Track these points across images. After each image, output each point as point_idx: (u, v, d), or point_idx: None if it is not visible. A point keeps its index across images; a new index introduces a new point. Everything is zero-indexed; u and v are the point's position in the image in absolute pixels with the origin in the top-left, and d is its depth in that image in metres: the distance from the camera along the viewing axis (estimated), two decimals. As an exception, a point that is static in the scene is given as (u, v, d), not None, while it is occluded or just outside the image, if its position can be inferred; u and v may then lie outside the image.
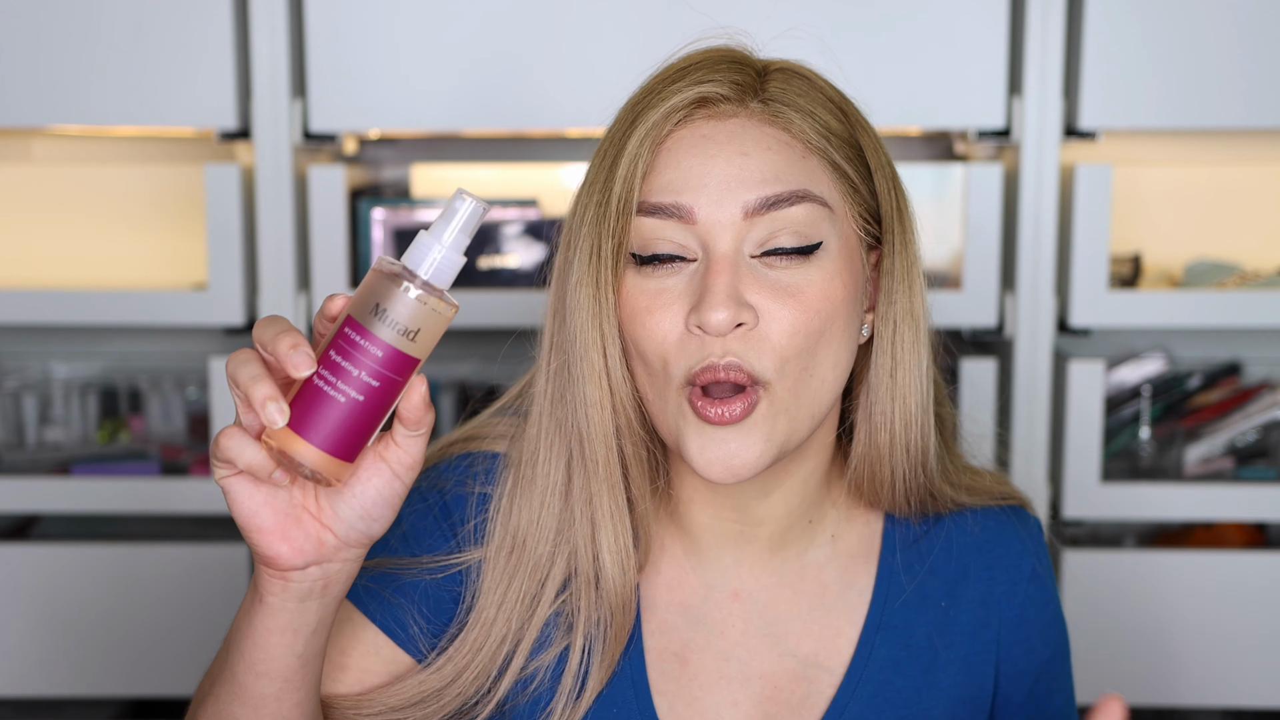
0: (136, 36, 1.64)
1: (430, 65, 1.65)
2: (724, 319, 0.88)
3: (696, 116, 0.93)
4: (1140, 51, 1.62)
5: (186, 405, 1.89)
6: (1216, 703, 1.73)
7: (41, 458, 1.79)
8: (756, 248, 0.91)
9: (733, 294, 0.89)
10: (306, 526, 0.85)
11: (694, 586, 1.02)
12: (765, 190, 0.91)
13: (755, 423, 0.91)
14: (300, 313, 1.70)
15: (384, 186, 1.94)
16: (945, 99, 1.65)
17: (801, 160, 0.93)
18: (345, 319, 0.81)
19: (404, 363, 0.81)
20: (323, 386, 0.81)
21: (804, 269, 0.91)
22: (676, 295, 0.92)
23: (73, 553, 1.73)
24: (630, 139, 0.92)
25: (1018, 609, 1.03)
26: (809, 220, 0.92)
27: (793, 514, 1.01)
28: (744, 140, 0.92)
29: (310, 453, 0.81)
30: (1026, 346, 1.69)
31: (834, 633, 1.01)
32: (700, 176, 0.91)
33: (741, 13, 1.61)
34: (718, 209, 0.91)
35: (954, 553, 1.03)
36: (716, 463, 0.91)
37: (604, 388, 0.94)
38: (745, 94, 0.94)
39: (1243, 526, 1.83)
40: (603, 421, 0.94)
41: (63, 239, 1.93)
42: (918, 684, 1.00)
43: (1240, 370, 1.89)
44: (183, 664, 1.74)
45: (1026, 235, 1.67)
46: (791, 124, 0.93)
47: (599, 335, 0.93)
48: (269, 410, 0.79)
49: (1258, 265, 1.84)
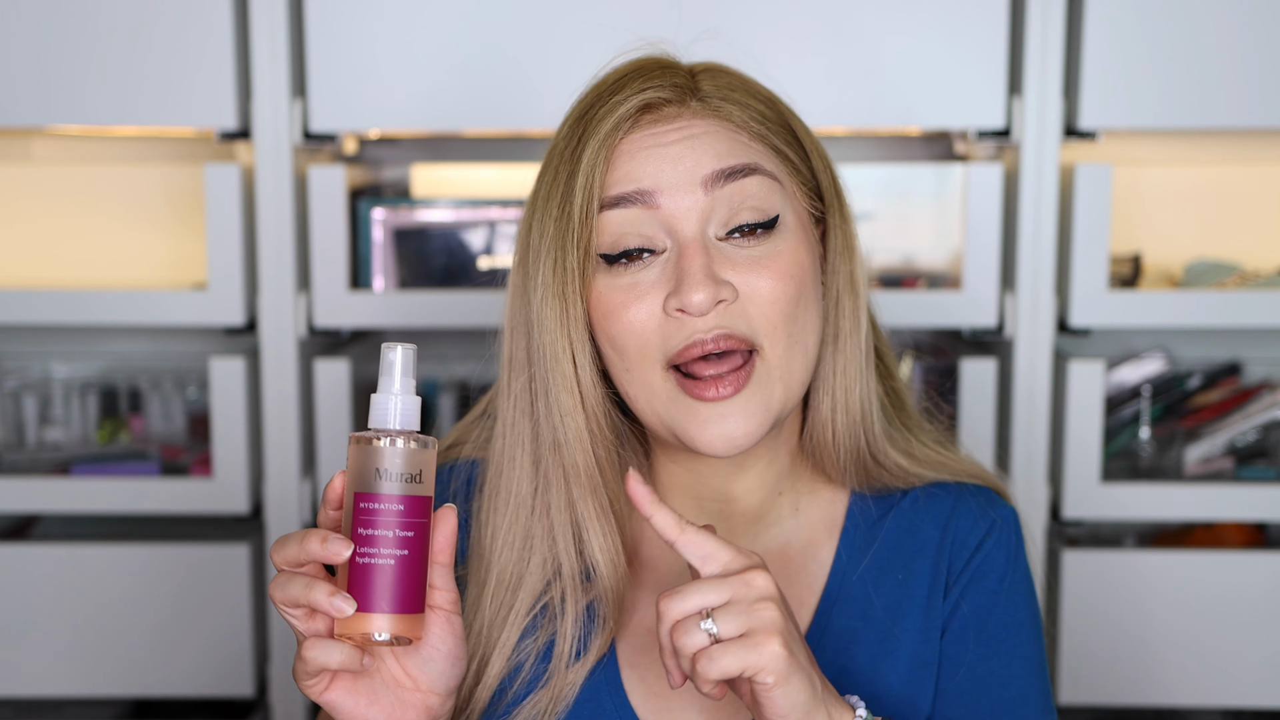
0: (136, 36, 1.64)
1: (430, 65, 1.65)
2: (704, 298, 0.92)
3: (643, 121, 0.98)
4: (1140, 51, 1.62)
5: (186, 405, 1.89)
6: (1216, 703, 1.73)
7: (41, 458, 1.79)
8: (721, 228, 0.95)
9: (709, 273, 0.93)
10: (412, 701, 0.90)
11: (670, 564, 1.05)
12: (719, 164, 0.96)
13: (752, 392, 0.95)
14: (300, 313, 1.70)
15: (384, 186, 1.94)
16: (945, 99, 1.65)
17: (747, 144, 0.98)
18: (353, 497, 0.87)
19: (422, 505, 0.88)
20: (367, 561, 0.86)
21: (770, 242, 0.96)
22: (650, 286, 0.95)
23: (73, 553, 1.73)
24: (585, 150, 0.96)
25: (958, 575, 1.03)
26: (764, 194, 0.96)
27: (766, 487, 1.05)
28: (690, 130, 0.97)
29: (385, 622, 0.86)
30: (1026, 346, 1.69)
31: (796, 603, 1.04)
32: (657, 165, 0.96)
33: (742, 12, 1.61)
34: (678, 189, 0.95)
35: (913, 527, 1.05)
36: (719, 438, 0.95)
37: (576, 395, 0.97)
38: (684, 94, 0.98)
39: (1243, 526, 1.83)
40: (578, 428, 0.98)
41: (63, 239, 1.93)
42: (874, 653, 1.02)
43: (1240, 370, 1.89)
44: (183, 664, 1.74)
45: (1026, 235, 1.67)
46: (731, 115, 0.98)
47: (568, 344, 0.97)
48: (337, 603, 0.84)
49: (1258, 265, 1.84)
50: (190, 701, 1.90)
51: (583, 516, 0.99)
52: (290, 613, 0.87)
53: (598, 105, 0.98)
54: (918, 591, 1.03)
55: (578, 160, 0.96)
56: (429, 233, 1.75)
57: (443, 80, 1.65)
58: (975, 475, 1.09)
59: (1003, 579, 1.04)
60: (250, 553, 1.73)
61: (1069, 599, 1.69)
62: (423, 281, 1.76)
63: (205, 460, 1.76)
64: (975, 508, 1.06)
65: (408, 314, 1.71)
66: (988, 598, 1.03)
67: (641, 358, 0.96)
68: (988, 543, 1.04)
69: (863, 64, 1.64)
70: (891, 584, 1.03)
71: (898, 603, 1.03)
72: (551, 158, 1.00)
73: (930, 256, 1.77)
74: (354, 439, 0.88)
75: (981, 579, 1.03)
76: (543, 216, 0.98)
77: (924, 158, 1.93)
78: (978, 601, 1.03)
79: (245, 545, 1.73)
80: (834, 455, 1.03)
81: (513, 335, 1.03)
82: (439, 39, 1.65)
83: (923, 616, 1.03)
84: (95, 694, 1.76)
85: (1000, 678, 1.02)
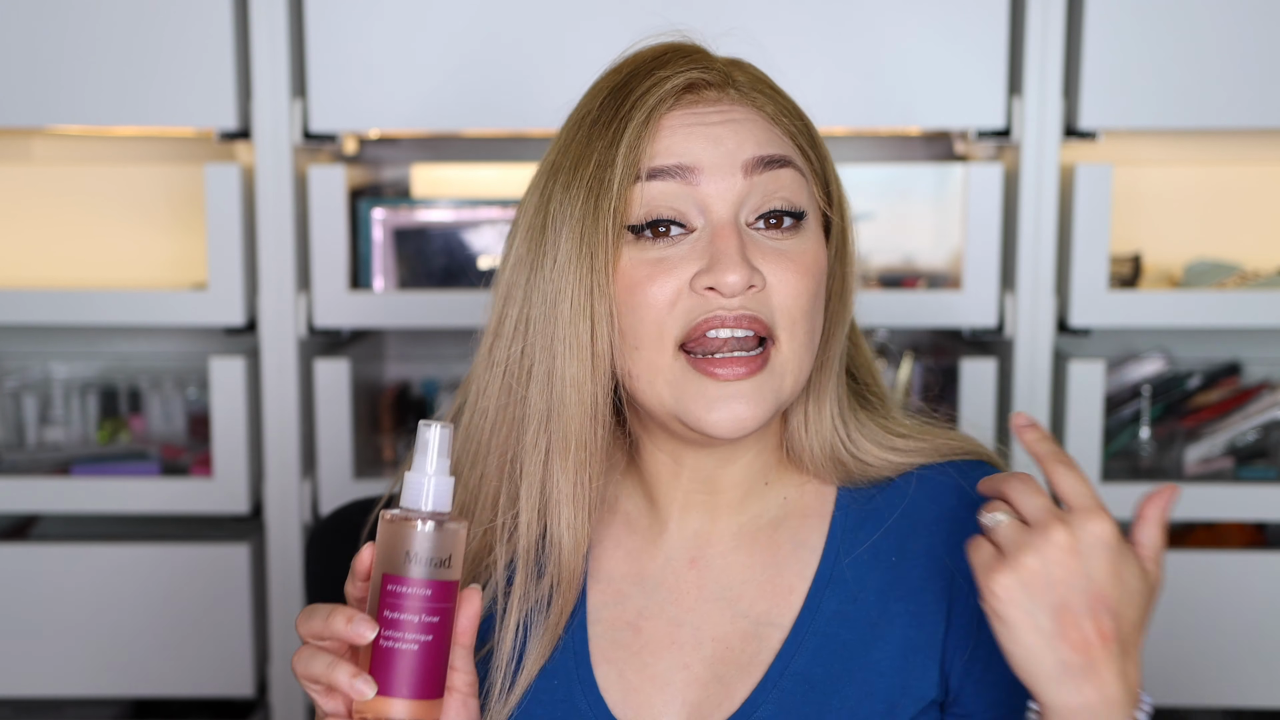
0: (136, 36, 1.65)
1: (430, 65, 1.65)
2: (738, 280, 0.93)
3: (684, 100, 0.98)
4: (1140, 51, 1.63)
5: (186, 405, 1.89)
6: (1216, 703, 1.73)
7: (41, 458, 1.79)
8: (752, 213, 0.96)
9: (745, 256, 0.94)
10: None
11: (653, 555, 1.05)
12: (760, 150, 0.96)
13: (764, 379, 0.95)
14: (300, 313, 1.71)
15: (384, 186, 1.94)
16: (945, 99, 1.65)
17: (781, 138, 0.99)
18: (381, 578, 0.86)
19: (448, 590, 0.87)
20: (391, 645, 0.86)
21: (796, 237, 0.97)
22: (679, 261, 0.95)
23: (73, 553, 1.73)
24: (630, 121, 0.96)
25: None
26: (796, 186, 0.98)
27: (752, 477, 1.05)
28: (732, 114, 0.98)
29: (404, 707, 0.86)
30: (1026, 346, 1.69)
31: (786, 590, 1.03)
32: (700, 142, 0.96)
33: (742, 12, 1.61)
34: (718, 169, 0.95)
35: (908, 509, 1.05)
36: (727, 419, 0.95)
37: (588, 365, 0.97)
38: (725, 79, 0.99)
39: (1243, 526, 1.83)
40: (580, 399, 0.97)
41: (63, 239, 1.93)
42: (865, 636, 1.01)
43: (1240, 370, 1.89)
44: (183, 664, 1.74)
45: (1026, 235, 1.67)
46: (765, 108, 0.99)
47: (589, 313, 0.96)
48: (358, 685, 0.85)
49: (1258, 265, 1.84)
50: (190, 701, 1.90)
51: (559, 493, 0.99)
52: (311, 687, 0.88)
53: (639, 79, 0.98)
54: (911, 573, 1.02)
55: (620, 130, 0.96)
56: (429, 233, 1.75)
57: (443, 80, 1.65)
58: (966, 450, 1.08)
59: None
60: (250, 553, 1.73)
61: (1069, 599, 1.69)
62: (423, 281, 1.76)
63: (205, 460, 1.76)
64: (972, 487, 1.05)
65: (408, 314, 1.71)
66: None
67: (657, 334, 0.96)
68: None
69: (863, 64, 1.64)
70: (884, 566, 1.03)
71: (889, 585, 1.02)
72: (580, 127, 0.99)
73: (930, 256, 1.77)
74: (384, 517, 0.87)
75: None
76: (569, 184, 0.97)
77: (924, 158, 1.93)
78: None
79: (245, 545, 1.73)
80: (810, 453, 1.04)
81: (506, 304, 1.02)
82: (439, 39, 1.65)
83: (915, 599, 1.02)
84: (95, 694, 1.76)
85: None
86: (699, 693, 1.00)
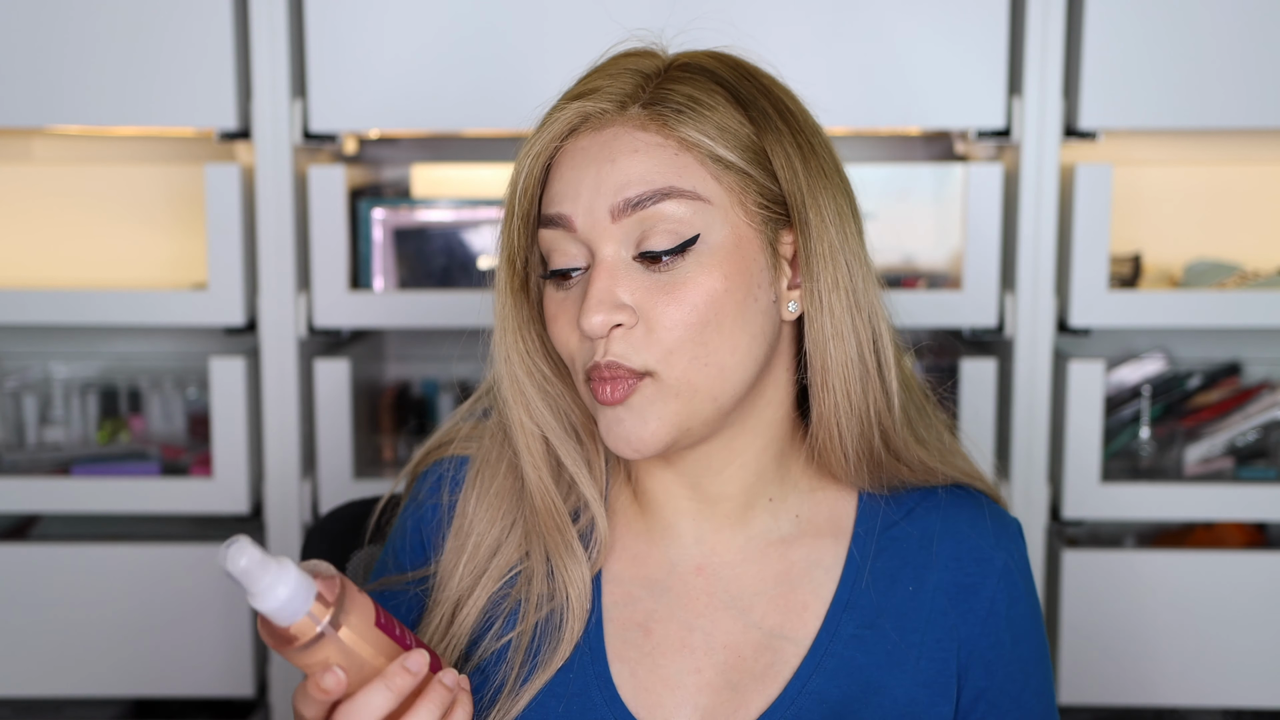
0: (136, 37, 1.65)
1: (430, 65, 1.65)
2: (597, 323, 0.95)
3: (582, 130, 0.99)
4: (1140, 51, 1.63)
5: (186, 405, 1.89)
6: (1216, 703, 1.73)
7: (41, 458, 1.79)
8: (635, 248, 0.97)
9: (605, 298, 0.95)
10: None
11: (657, 561, 1.05)
12: (628, 192, 0.96)
13: (641, 405, 0.97)
14: (300, 313, 1.70)
15: (384, 186, 1.94)
16: (945, 99, 1.65)
17: (674, 158, 0.97)
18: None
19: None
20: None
21: (682, 265, 0.96)
22: (572, 304, 0.99)
23: (73, 553, 1.73)
24: (527, 159, 1.01)
25: (986, 602, 1.03)
26: (680, 216, 0.96)
27: (749, 490, 1.04)
28: (613, 148, 0.97)
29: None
30: (1026, 346, 1.69)
31: (800, 606, 1.03)
32: (575, 186, 0.98)
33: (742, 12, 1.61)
34: (590, 215, 0.97)
35: (927, 538, 1.05)
36: (620, 440, 0.98)
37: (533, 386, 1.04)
38: (627, 102, 0.98)
39: (1243, 526, 1.83)
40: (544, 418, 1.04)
41: (63, 239, 1.93)
42: (880, 662, 1.01)
43: (1240, 370, 1.89)
44: (183, 664, 1.74)
45: (1026, 235, 1.67)
46: (666, 124, 0.97)
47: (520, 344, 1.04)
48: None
49: (1258, 265, 1.84)
50: (190, 701, 1.90)
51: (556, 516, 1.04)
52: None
53: (552, 112, 1.01)
54: (927, 605, 1.03)
55: (518, 172, 1.01)
56: (429, 233, 1.75)
57: (443, 80, 1.65)
58: (975, 477, 1.09)
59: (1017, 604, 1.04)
60: (250, 553, 1.73)
61: (1069, 599, 1.69)
62: (423, 281, 1.76)
63: (205, 460, 1.76)
64: (990, 531, 1.06)
65: (407, 314, 1.71)
66: (1012, 624, 1.04)
67: (571, 367, 1.01)
68: (1013, 568, 1.05)
69: (863, 64, 1.64)
70: (902, 595, 1.03)
71: (906, 615, 1.02)
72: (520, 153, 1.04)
73: (930, 256, 1.77)
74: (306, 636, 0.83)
75: (1008, 606, 1.04)
76: (507, 215, 1.03)
77: (924, 158, 1.93)
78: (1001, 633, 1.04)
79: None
80: (841, 453, 1.02)
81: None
82: (439, 39, 1.65)
83: (930, 632, 1.02)
84: (95, 694, 1.76)
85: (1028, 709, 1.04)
86: (712, 698, 1.01)
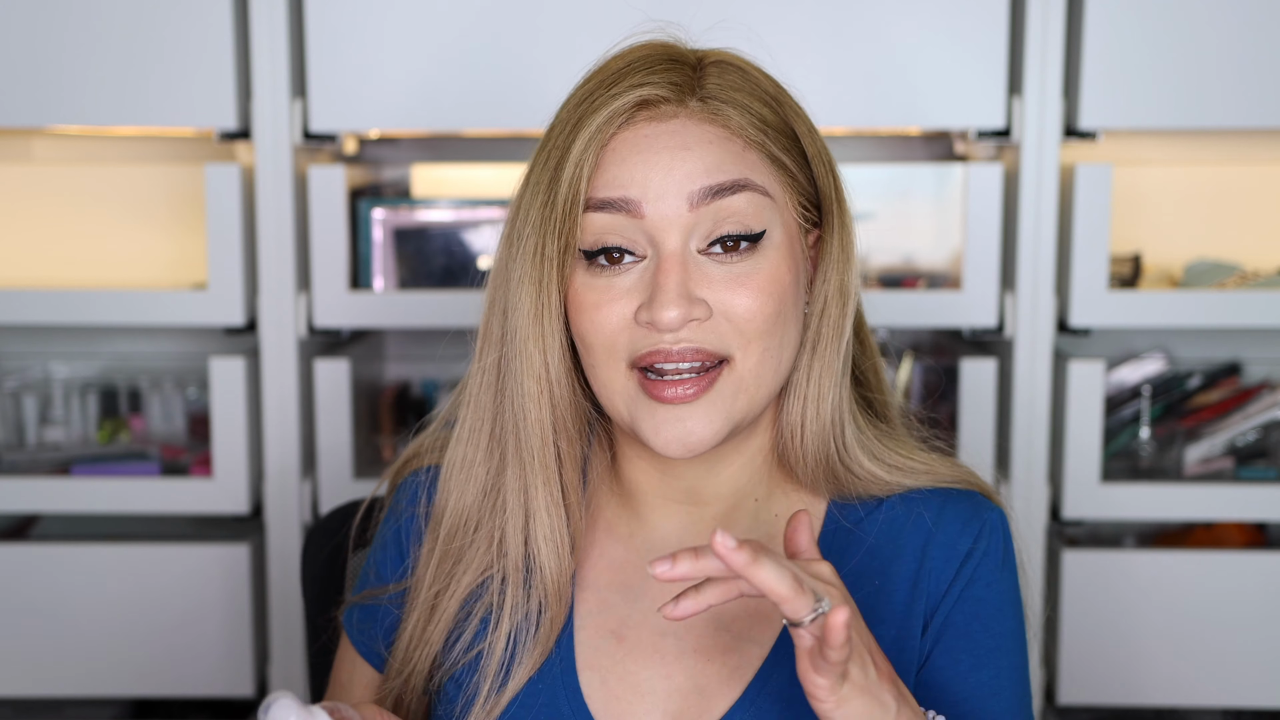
0: (136, 37, 1.65)
1: (430, 65, 1.65)
2: (676, 316, 0.92)
3: (638, 118, 0.96)
4: (1140, 51, 1.63)
5: (186, 405, 1.89)
6: (1216, 703, 1.73)
7: (41, 458, 1.79)
8: (703, 241, 0.94)
9: (684, 291, 0.93)
10: None
11: (637, 566, 1.04)
12: (708, 180, 0.94)
13: (714, 400, 0.94)
14: (300, 313, 1.70)
15: (384, 186, 1.94)
16: (945, 99, 1.65)
17: (741, 153, 0.96)
18: None
19: None
20: None
21: (752, 258, 0.95)
22: (625, 291, 0.95)
23: (73, 553, 1.73)
24: (575, 142, 0.95)
25: (947, 584, 1.02)
26: (751, 209, 0.95)
27: (740, 492, 1.04)
28: (685, 136, 0.95)
29: None
30: (1026, 346, 1.69)
31: (768, 607, 1.02)
32: (645, 172, 0.94)
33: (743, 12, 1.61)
34: (663, 202, 0.94)
35: (892, 534, 1.04)
36: (673, 441, 0.94)
37: (541, 383, 0.98)
38: (684, 93, 0.96)
39: (1243, 526, 1.83)
40: (540, 416, 0.98)
41: (63, 239, 1.93)
42: None
43: (1240, 370, 1.89)
44: (183, 664, 1.74)
45: (1026, 235, 1.67)
46: (729, 120, 0.96)
47: (540, 332, 0.97)
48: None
49: (1258, 265, 1.84)
50: (190, 701, 1.90)
51: (533, 504, 1.00)
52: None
53: (596, 95, 0.96)
54: (894, 598, 1.02)
55: (567, 151, 0.95)
56: (429, 233, 1.75)
57: (443, 80, 1.65)
58: (962, 480, 1.07)
59: (990, 587, 1.03)
60: (250, 553, 1.73)
61: (1068, 599, 1.69)
62: (423, 281, 1.76)
63: (205, 460, 1.76)
64: (962, 514, 1.04)
65: (407, 314, 1.71)
66: (977, 606, 1.02)
67: (608, 356, 0.96)
68: (976, 550, 1.03)
69: (863, 64, 1.64)
70: (868, 590, 1.02)
71: (871, 609, 1.02)
72: (548, 140, 0.99)
73: (930, 256, 1.77)
74: None
75: (971, 587, 1.03)
76: (530, 201, 0.97)
77: (924, 158, 1.93)
78: (968, 611, 1.02)
79: (245, 545, 1.73)
80: (801, 461, 1.03)
81: (491, 310, 1.03)
82: (439, 39, 1.65)
83: (897, 625, 1.02)
84: (95, 694, 1.76)
85: (991, 688, 1.01)
86: (680, 703, 1.00)
